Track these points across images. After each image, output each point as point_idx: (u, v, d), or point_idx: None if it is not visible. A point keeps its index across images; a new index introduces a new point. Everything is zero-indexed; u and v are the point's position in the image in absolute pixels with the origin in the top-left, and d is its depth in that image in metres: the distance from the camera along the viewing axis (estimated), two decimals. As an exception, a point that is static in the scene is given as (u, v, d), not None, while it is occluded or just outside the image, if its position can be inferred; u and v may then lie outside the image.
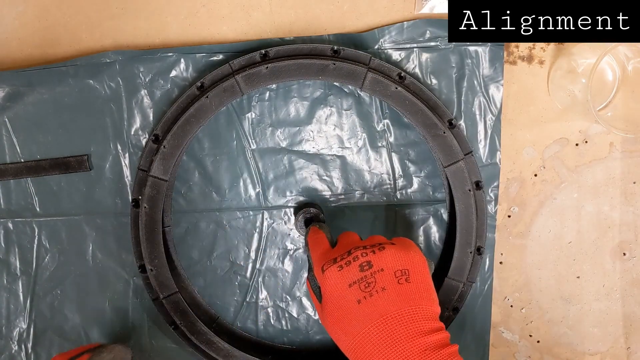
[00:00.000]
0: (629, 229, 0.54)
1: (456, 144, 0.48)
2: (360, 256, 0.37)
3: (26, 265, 0.54)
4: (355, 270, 0.36)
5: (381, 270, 0.36)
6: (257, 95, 0.52)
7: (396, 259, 0.37)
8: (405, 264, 0.36)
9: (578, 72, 0.50)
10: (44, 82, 0.51)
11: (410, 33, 0.50)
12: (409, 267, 0.36)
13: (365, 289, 0.35)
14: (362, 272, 0.36)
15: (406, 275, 0.36)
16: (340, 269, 0.36)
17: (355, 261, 0.36)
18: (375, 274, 0.36)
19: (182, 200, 0.53)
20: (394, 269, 0.36)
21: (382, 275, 0.35)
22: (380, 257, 0.36)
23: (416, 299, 0.35)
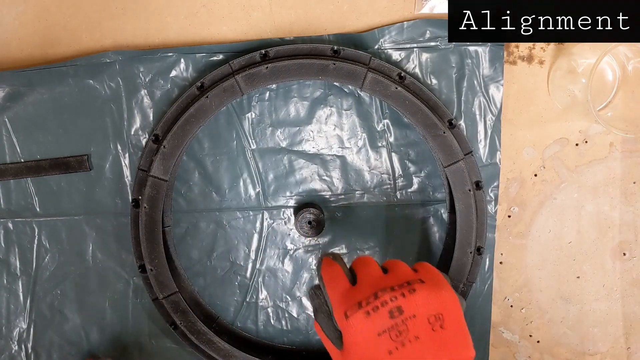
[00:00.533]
0: (629, 229, 0.54)
1: (456, 144, 0.48)
2: (390, 301, 0.33)
3: (26, 265, 0.54)
4: (385, 317, 0.32)
5: (413, 316, 0.32)
6: (257, 95, 0.52)
7: (429, 303, 0.33)
8: (438, 308, 0.33)
9: (578, 72, 0.50)
10: (44, 82, 0.51)
11: (410, 33, 0.50)
12: (442, 311, 0.33)
13: (396, 338, 0.32)
14: (393, 319, 0.32)
15: (440, 321, 0.32)
16: (368, 315, 0.33)
17: (384, 306, 0.33)
18: (407, 321, 0.32)
19: (182, 200, 0.53)
20: (427, 314, 0.32)
21: (414, 322, 0.32)
22: (412, 302, 0.33)
23: (452, 347, 0.32)
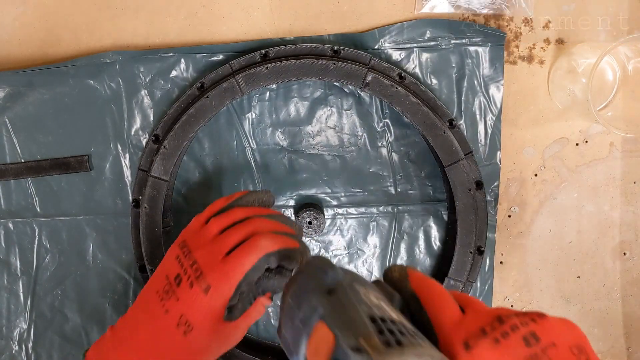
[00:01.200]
0: (629, 229, 0.54)
1: (456, 143, 0.48)
2: (520, 325, 0.26)
3: (26, 266, 0.54)
4: (519, 344, 0.26)
5: (553, 345, 0.26)
6: (257, 95, 0.52)
7: (565, 331, 0.27)
8: (577, 339, 0.27)
9: (578, 72, 0.50)
10: (45, 82, 0.51)
11: (411, 33, 0.50)
12: (582, 343, 0.27)
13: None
14: (530, 348, 0.26)
15: (586, 355, 0.27)
16: (497, 342, 0.26)
17: (514, 332, 0.26)
18: (547, 350, 0.26)
19: (182, 200, 0.53)
20: (568, 344, 0.27)
21: (556, 352, 0.26)
22: (547, 328, 0.27)
23: None
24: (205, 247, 0.39)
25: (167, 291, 0.37)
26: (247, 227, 0.39)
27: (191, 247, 0.39)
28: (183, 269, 0.38)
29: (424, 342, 0.23)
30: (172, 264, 0.38)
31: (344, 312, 0.25)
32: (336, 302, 0.25)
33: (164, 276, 0.38)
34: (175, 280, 0.37)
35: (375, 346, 0.22)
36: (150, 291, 0.38)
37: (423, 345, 0.22)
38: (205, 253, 0.38)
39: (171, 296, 0.37)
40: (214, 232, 0.40)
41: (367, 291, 0.27)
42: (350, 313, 0.24)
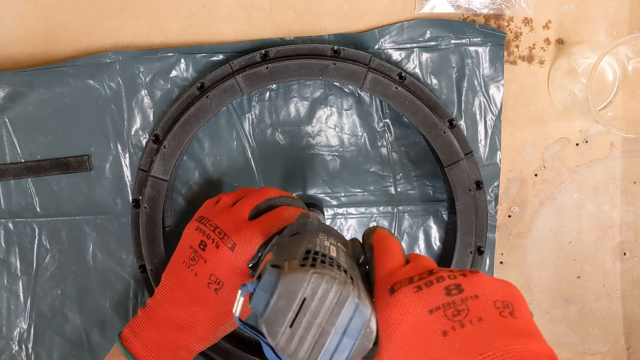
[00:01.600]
0: (629, 229, 0.54)
1: (456, 143, 0.48)
2: (447, 278, 0.27)
3: (26, 266, 0.54)
4: (440, 293, 0.27)
5: (475, 297, 0.26)
6: (257, 95, 0.52)
7: (494, 287, 0.27)
8: (506, 295, 0.27)
9: (578, 72, 0.50)
10: (44, 82, 0.51)
11: (411, 33, 0.50)
12: (511, 300, 0.27)
13: (453, 317, 0.26)
14: (450, 297, 0.26)
15: (510, 309, 0.26)
16: (419, 289, 0.27)
17: (439, 282, 0.27)
18: (467, 300, 0.26)
19: (182, 200, 0.53)
20: (494, 298, 0.26)
21: (477, 302, 0.26)
22: (473, 282, 0.27)
23: (527, 338, 0.25)
24: (223, 215, 0.42)
25: (193, 258, 0.40)
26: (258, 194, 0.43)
27: (210, 217, 0.42)
28: (206, 234, 0.40)
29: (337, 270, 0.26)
30: (194, 235, 0.41)
31: (290, 245, 0.29)
32: (292, 240, 0.30)
33: (187, 247, 0.41)
34: (200, 246, 0.40)
35: (291, 265, 0.26)
36: (176, 264, 0.41)
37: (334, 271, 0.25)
38: (226, 219, 0.41)
39: (198, 260, 0.39)
40: (228, 204, 0.43)
41: (328, 238, 0.31)
42: (293, 246, 0.28)
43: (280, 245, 0.30)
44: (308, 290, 0.25)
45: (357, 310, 0.25)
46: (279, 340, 0.25)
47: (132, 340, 0.39)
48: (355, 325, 0.25)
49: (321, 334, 0.25)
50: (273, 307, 0.25)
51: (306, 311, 0.25)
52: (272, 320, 0.25)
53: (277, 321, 0.25)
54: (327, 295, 0.25)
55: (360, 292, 0.26)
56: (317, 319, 0.25)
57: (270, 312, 0.25)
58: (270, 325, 0.25)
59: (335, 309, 0.25)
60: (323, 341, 0.25)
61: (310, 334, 0.25)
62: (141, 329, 0.39)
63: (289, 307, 0.25)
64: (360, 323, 0.25)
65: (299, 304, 0.25)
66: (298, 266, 0.26)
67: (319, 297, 0.25)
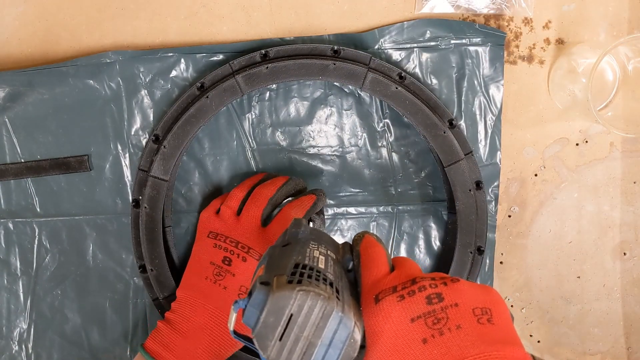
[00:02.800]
0: (629, 229, 0.54)
1: (456, 143, 0.48)
2: (429, 287, 0.29)
3: (26, 266, 0.54)
4: (421, 302, 0.28)
5: (455, 305, 0.28)
6: (257, 95, 0.52)
7: (474, 295, 0.28)
8: (485, 302, 0.28)
9: (578, 72, 0.50)
10: (44, 82, 0.51)
11: (411, 33, 0.50)
12: (490, 306, 0.28)
13: (433, 326, 0.27)
14: (430, 306, 0.28)
15: (488, 315, 0.27)
16: (401, 299, 0.28)
17: (421, 292, 0.28)
18: (447, 309, 0.27)
19: (182, 200, 0.53)
20: (473, 305, 0.28)
21: (456, 311, 0.27)
22: (454, 290, 0.28)
23: (502, 345, 0.26)
24: (238, 228, 0.44)
25: (219, 273, 0.42)
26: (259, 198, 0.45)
27: (224, 232, 0.44)
28: (229, 251, 0.42)
29: (323, 285, 0.28)
30: (213, 252, 0.43)
31: (281, 259, 0.30)
32: (282, 252, 0.32)
33: (207, 264, 0.43)
34: (224, 262, 0.42)
35: (279, 282, 0.27)
36: (198, 280, 0.43)
37: (319, 287, 0.27)
38: (243, 231, 0.44)
39: (225, 275, 0.42)
40: (232, 214, 0.45)
41: (319, 247, 0.32)
42: (284, 260, 0.30)
43: (271, 257, 0.31)
44: (295, 306, 0.27)
45: (340, 323, 0.27)
46: (270, 352, 0.27)
47: (169, 357, 0.40)
48: (339, 337, 0.27)
49: (308, 346, 0.27)
50: (263, 323, 0.27)
51: (294, 326, 0.27)
52: (262, 335, 0.27)
53: (267, 335, 0.27)
54: (313, 311, 0.27)
55: (345, 305, 0.28)
56: (304, 332, 0.27)
57: (261, 327, 0.27)
58: (262, 340, 0.27)
59: (320, 323, 0.27)
60: (310, 352, 0.27)
61: (298, 347, 0.27)
62: (174, 345, 0.40)
63: (277, 322, 0.27)
64: (345, 335, 0.27)
65: (286, 320, 0.27)
66: (285, 283, 0.27)
67: (305, 312, 0.27)
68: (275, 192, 0.46)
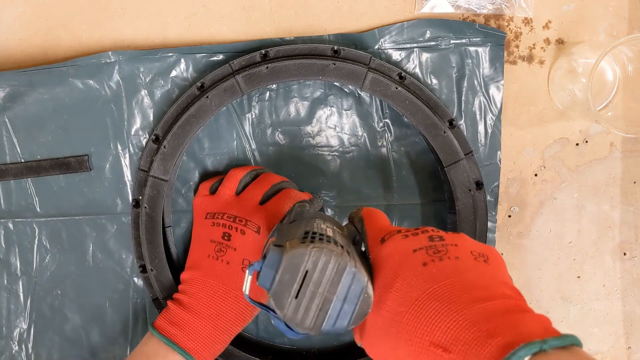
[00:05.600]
0: (630, 229, 0.54)
1: (456, 143, 0.48)
2: (431, 231, 0.31)
3: (26, 266, 0.54)
4: (424, 239, 0.30)
5: (455, 245, 0.30)
6: (257, 95, 0.52)
7: (473, 243, 0.31)
8: (483, 250, 0.31)
9: (578, 72, 0.50)
10: (44, 82, 0.51)
11: (411, 33, 0.50)
12: (488, 254, 0.30)
13: (434, 254, 0.29)
14: (432, 242, 0.30)
15: (485, 258, 0.30)
16: (405, 237, 0.31)
17: (424, 233, 0.31)
18: (447, 245, 0.30)
19: (182, 200, 0.53)
20: (471, 249, 0.30)
21: (455, 248, 0.30)
22: (455, 237, 0.31)
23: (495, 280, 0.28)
24: (234, 205, 0.45)
25: (220, 249, 0.43)
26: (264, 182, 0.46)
27: (221, 210, 0.45)
28: (227, 226, 0.43)
29: (333, 245, 0.29)
30: (211, 230, 0.44)
31: (290, 230, 0.32)
32: (290, 226, 0.33)
33: (207, 242, 0.43)
34: (224, 237, 0.43)
35: (292, 243, 0.28)
36: (201, 259, 0.43)
37: (329, 244, 0.28)
38: (240, 207, 0.44)
39: (226, 250, 0.42)
40: (231, 194, 0.46)
41: (324, 222, 0.33)
42: (292, 230, 0.31)
43: (281, 230, 0.33)
44: (309, 263, 0.27)
45: (354, 278, 0.28)
46: (287, 311, 0.28)
47: (180, 335, 0.41)
48: (354, 292, 0.28)
49: (324, 302, 0.28)
50: (279, 282, 0.27)
51: (309, 282, 0.28)
52: (279, 294, 0.28)
53: (284, 294, 0.28)
54: (327, 266, 0.27)
55: (357, 262, 0.28)
56: (319, 288, 0.27)
57: (277, 286, 0.27)
58: (278, 298, 0.28)
59: (335, 278, 0.28)
60: (326, 308, 0.28)
61: (314, 303, 0.28)
62: (183, 323, 0.41)
63: (293, 279, 0.27)
64: (359, 289, 0.28)
65: (302, 276, 0.27)
66: (299, 243, 0.28)
67: (320, 268, 0.27)
68: (279, 182, 0.47)
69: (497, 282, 0.28)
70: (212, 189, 0.48)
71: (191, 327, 0.41)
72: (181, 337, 0.41)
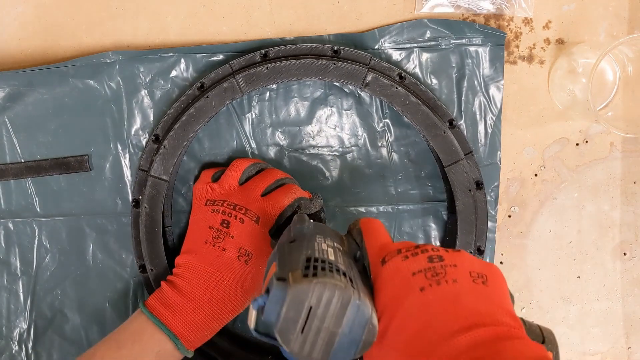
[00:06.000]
0: (630, 229, 0.54)
1: (456, 143, 0.48)
2: (431, 250, 0.31)
3: (26, 266, 0.54)
4: (423, 260, 0.30)
5: (454, 265, 0.30)
6: (257, 95, 0.52)
7: (474, 262, 0.31)
8: (483, 270, 0.30)
9: (578, 72, 0.50)
10: (44, 82, 0.51)
11: (411, 33, 0.50)
12: (487, 273, 0.30)
13: (431, 278, 0.29)
14: (431, 263, 0.30)
15: (483, 279, 0.30)
16: (405, 258, 0.31)
17: (424, 253, 0.31)
18: (446, 267, 0.30)
19: (182, 200, 0.53)
20: (470, 269, 0.30)
21: (454, 269, 0.30)
22: (455, 255, 0.31)
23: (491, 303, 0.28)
24: (236, 194, 0.45)
25: (218, 236, 0.43)
26: (268, 176, 0.47)
27: (222, 198, 0.45)
28: (226, 214, 0.43)
29: (337, 276, 0.29)
30: (210, 217, 0.44)
31: (291, 255, 0.31)
32: (292, 248, 0.33)
33: (205, 228, 0.43)
34: (223, 224, 0.43)
35: (295, 277, 0.28)
36: (197, 244, 0.43)
37: (334, 277, 0.28)
38: (241, 197, 0.45)
39: (224, 237, 0.42)
40: (234, 183, 0.46)
41: (325, 240, 0.34)
42: (294, 255, 0.31)
43: (282, 254, 0.32)
44: (313, 299, 0.28)
45: (359, 311, 0.28)
46: (293, 346, 0.28)
47: (170, 317, 0.41)
48: (359, 324, 0.28)
49: (330, 336, 0.28)
50: (284, 318, 0.28)
51: (314, 318, 0.28)
52: (284, 330, 0.28)
53: (289, 329, 0.28)
54: (331, 301, 0.28)
55: (360, 293, 0.28)
56: (324, 323, 0.28)
57: (282, 322, 0.28)
58: (284, 334, 0.28)
59: (339, 312, 0.28)
60: (332, 341, 0.28)
61: (320, 337, 0.28)
62: (175, 304, 0.41)
63: (298, 315, 0.28)
64: (364, 321, 0.28)
65: (306, 312, 0.28)
66: (302, 277, 0.28)
67: (324, 303, 0.28)
68: (283, 178, 0.47)
69: (494, 308, 0.28)
70: (215, 177, 0.48)
71: (182, 310, 0.41)
72: (171, 318, 0.41)
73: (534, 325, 0.33)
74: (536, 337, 0.33)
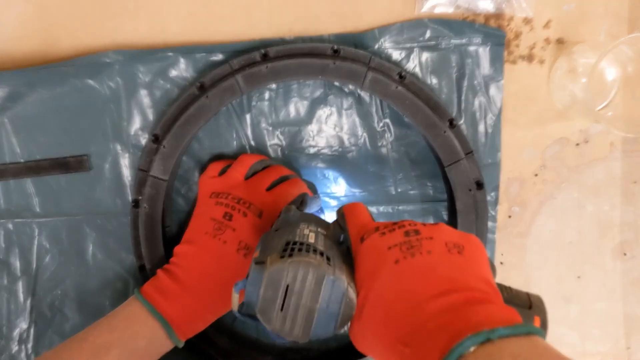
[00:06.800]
0: (630, 229, 0.54)
1: (456, 143, 0.48)
2: (408, 225, 0.32)
3: (26, 266, 0.54)
4: (399, 235, 0.31)
5: (430, 238, 0.30)
6: (257, 95, 0.52)
7: (450, 233, 0.31)
8: (460, 240, 0.31)
9: (578, 72, 0.50)
10: (44, 82, 0.51)
11: (411, 32, 0.50)
12: (464, 243, 0.30)
13: (406, 251, 0.30)
14: (407, 237, 0.31)
15: (459, 249, 0.30)
16: (382, 235, 0.31)
17: (400, 229, 0.31)
18: (421, 240, 0.30)
19: (182, 200, 0.53)
20: (446, 240, 0.30)
21: (429, 241, 0.30)
22: (431, 228, 0.31)
23: (467, 270, 0.29)
24: (241, 188, 0.46)
25: (219, 228, 0.43)
26: (273, 172, 0.47)
27: (226, 191, 0.45)
28: (230, 207, 0.43)
29: (312, 255, 0.30)
30: (213, 209, 0.44)
31: (273, 241, 0.33)
32: (274, 235, 0.34)
33: (208, 219, 0.43)
34: (225, 217, 0.43)
35: (272, 259, 0.30)
36: (198, 235, 0.43)
37: (308, 256, 0.30)
38: (246, 191, 0.45)
39: (225, 230, 0.42)
40: (240, 178, 0.47)
41: (309, 226, 0.35)
42: (275, 241, 0.32)
43: (264, 241, 0.34)
44: (289, 277, 0.29)
45: (334, 286, 0.29)
46: (274, 324, 0.29)
47: (164, 304, 0.40)
48: (335, 299, 0.29)
49: (308, 312, 0.29)
50: (263, 297, 0.29)
51: (292, 295, 0.29)
52: (265, 309, 0.29)
53: (269, 309, 0.29)
54: (307, 278, 0.29)
55: (336, 269, 0.30)
56: (302, 300, 0.29)
57: (262, 302, 0.29)
58: (265, 313, 0.29)
59: (315, 288, 0.29)
60: (311, 317, 0.29)
61: (299, 314, 0.29)
62: (170, 292, 0.41)
63: (275, 295, 0.29)
64: (340, 296, 0.29)
65: (284, 291, 0.29)
66: (278, 258, 0.30)
67: (300, 280, 0.29)
68: (290, 174, 0.48)
69: (467, 275, 0.28)
70: (222, 171, 0.49)
71: (177, 299, 0.41)
72: (165, 306, 0.40)
73: (521, 292, 0.34)
74: (523, 303, 0.34)
